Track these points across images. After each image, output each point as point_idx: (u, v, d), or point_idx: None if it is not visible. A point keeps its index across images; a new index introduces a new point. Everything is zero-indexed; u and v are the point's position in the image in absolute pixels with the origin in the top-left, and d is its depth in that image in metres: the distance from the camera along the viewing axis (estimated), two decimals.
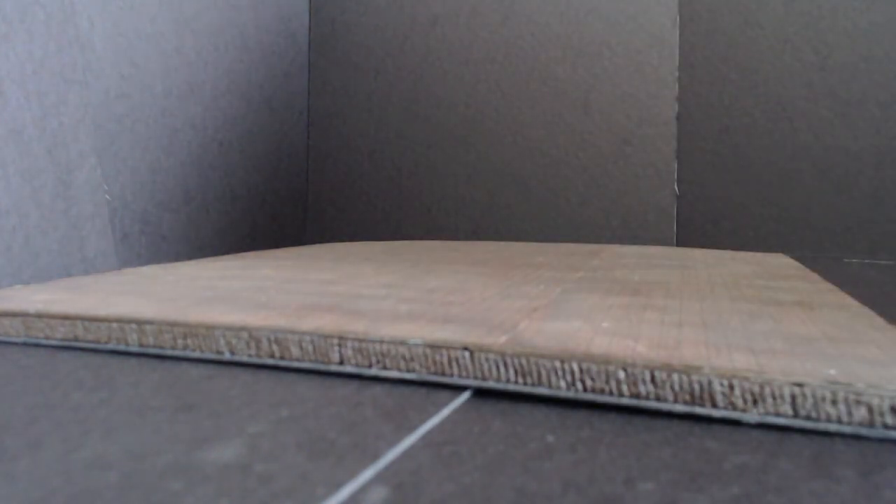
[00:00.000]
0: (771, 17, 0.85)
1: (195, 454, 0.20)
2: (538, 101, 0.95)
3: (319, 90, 1.08)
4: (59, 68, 0.63)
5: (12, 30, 0.59)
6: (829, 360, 0.25)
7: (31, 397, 0.26)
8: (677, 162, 0.89)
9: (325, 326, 0.30)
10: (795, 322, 0.32)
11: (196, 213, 0.84)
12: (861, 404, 0.21)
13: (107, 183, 0.69)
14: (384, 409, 0.24)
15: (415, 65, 1.02)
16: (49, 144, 0.62)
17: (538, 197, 0.95)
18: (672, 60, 0.89)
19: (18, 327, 0.34)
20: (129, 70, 0.73)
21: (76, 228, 0.64)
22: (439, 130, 1.01)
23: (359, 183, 1.06)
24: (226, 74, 0.90)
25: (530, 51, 0.96)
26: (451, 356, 0.27)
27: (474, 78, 0.99)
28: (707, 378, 0.23)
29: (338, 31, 1.07)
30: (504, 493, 0.18)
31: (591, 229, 0.92)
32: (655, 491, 0.18)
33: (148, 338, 0.32)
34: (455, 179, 1.00)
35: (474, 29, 0.99)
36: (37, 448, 0.20)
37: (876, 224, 0.82)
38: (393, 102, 1.04)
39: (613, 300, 0.38)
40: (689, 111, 0.89)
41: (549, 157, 0.95)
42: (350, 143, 1.06)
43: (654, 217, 0.90)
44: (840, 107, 0.83)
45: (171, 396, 0.26)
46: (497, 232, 0.97)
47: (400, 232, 1.03)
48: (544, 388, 0.25)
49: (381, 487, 0.18)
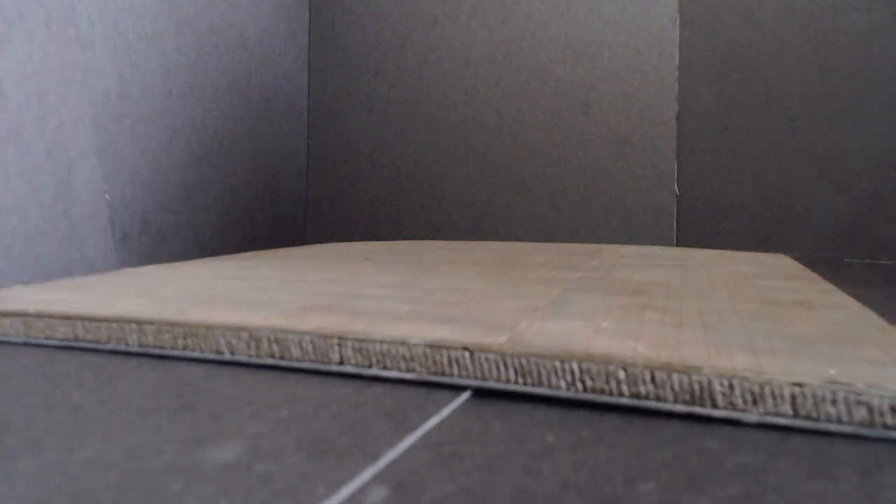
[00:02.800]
0: (771, 17, 0.85)
1: (195, 454, 0.20)
2: (538, 101, 0.95)
3: (319, 90, 1.08)
4: (59, 68, 0.63)
5: (12, 30, 0.59)
6: (829, 360, 0.25)
7: (31, 397, 0.26)
8: (677, 162, 0.89)
9: (325, 326, 0.30)
10: (795, 322, 0.32)
11: (196, 213, 0.84)
12: (861, 404, 0.21)
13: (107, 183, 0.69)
14: (384, 409, 0.24)
15: (415, 65, 1.02)
16: (49, 144, 0.62)
17: (538, 197, 0.95)
18: (672, 60, 0.89)
19: (18, 327, 0.34)
20: (129, 70, 0.73)
21: (76, 228, 0.64)
22: (439, 130, 1.01)
23: (359, 183, 1.06)
24: (226, 74, 0.90)
25: (530, 51, 0.96)
26: (451, 356, 0.27)
27: (474, 78, 0.99)
28: (707, 378, 0.23)
29: (338, 31, 1.07)
30: (504, 493, 0.18)
31: (591, 229, 0.92)
32: (655, 491, 0.18)
33: (148, 338, 0.32)
34: (455, 179, 1.00)
35: (474, 29, 0.99)
36: (37, 448, 0.20)
37: (876, 224, 0.82)
38: (393, 102, 1.04)
39: (613, 300, 0.38)
40: (689, 111, 0.89)
41: (549, 157, 0.95)
42: (350, 143, 1.06)
43: (654, 217, 0.90)
44: (840, 107, 0.83)
45: (171, 396, 0.26)
46: (497, 232, 0.97)
47: (400, 232, 1.03)
48: (544, 388, 0.25)
49: (381, 487, 0.18)
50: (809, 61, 0.84)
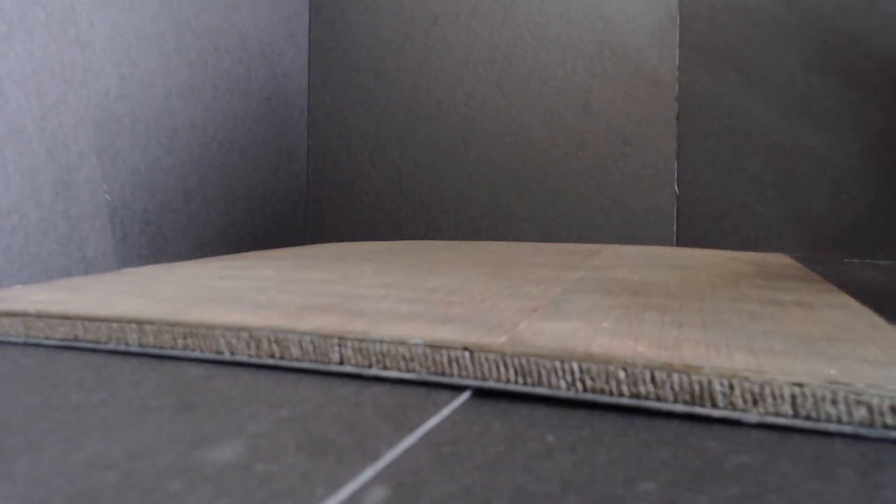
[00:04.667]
0: (771, 17, 0.85)
1: (195, 454, 0.20)
2: (538, 101, 0.95)
3: (319, 90, 1.08)
4: (59, 68, 0.63)
5: (12, 30, 0.59)
6: (829, 360, 0.25)
7: (31, 397, 0.26)
8: (677, 162, 0.89)
9: (325, 326, 0.30)
10: (795, 322, 0.32)
11: (196, 213, 0.84)
12: (861, 404, 0.21)
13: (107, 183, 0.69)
14: (384, 409, 0.24)
15: (415, 65, 1.02)
16: (49, 144, 0.62)
17: (538, 197, 0.95)
18: (672, 60, 0.89)
19: (18, 327, 0.34)
20: (129, 70, 0.73)
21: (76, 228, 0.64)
22: (439, 130, 1.01)
23: (359, 183, 1.06)
24: (226, 74, 0.90)
25: (530, 51, 0.96)
26: (451, 356, 0.27)
27: (474, 78, 0.99)
28: (707, 378, 0.23)
29: (338, 31, 1.07)
30: (504, 493, 0.18)
31: (591, 229, 0.92)
32: (655, 491, 0.18)
33: (148, 338, 0.32)
34: (455, 179, 1.00)
35: (474, 29, 0.99)
36: (37, 448, 0.20)
37: (876, 224, 0.82)
38: (393, 102, 1.04)
39: (613, 300, 0.38)
40: (689, 111, 0.89)
41: (549, 157, 0.95)
42: (350, 143, 1.06)
43: (654, 217, 0.90)
44: (840, 107, 0.83)
45: (171, 396, 0.26)
46: (497, 232, 0.97)
47: (400, 232, 1.03)
48: (544, 388, 0.25)
49: (381, 487, 0.18)
50: (809, 61, 0.84)
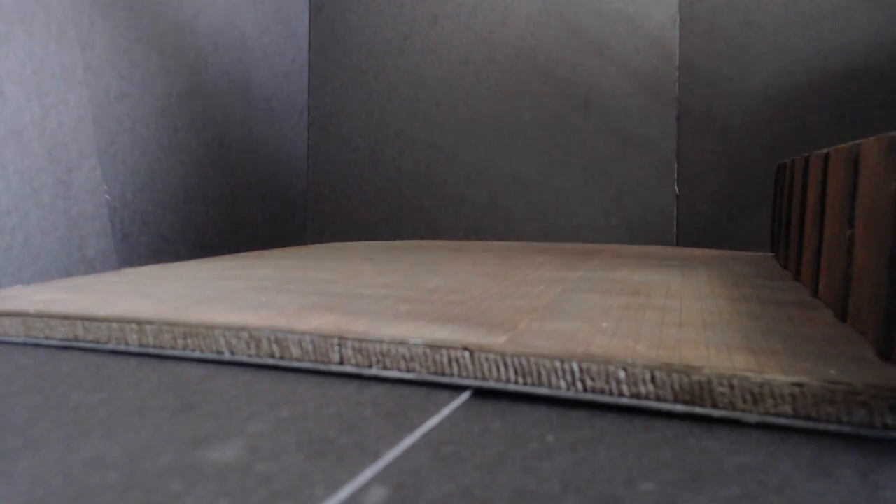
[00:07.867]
0: (771, 17, 0.85)
1: (195, 454, 0.20)
2: (538, 101, 0.95)
3: (319, 90, 1.08)
4: (59, 68, 0.63)
5: (12, 30, 0.59)
6: (829, 360, 0.25)
7: (31, 397, 0.26)
8: (677, 162, 0.89)
9: (325, 326, 0.30)
10: (795, 322, 0.32)
11: (196, 213, 0.84)
12: (861, 404, 0.21)
13: (107, 183, 0.69)
14: (384, 409, 0.24)
15: (415, 65, 1.02)
16: (49, 144, 0.62)
17: (538, 197, 0.95)
18: (672, 60, 0.89)
19: (18, 327, 0.34)
20: (129, 70, 0.73)
21: (76, 228, 0.64)
22: (439, 130, 1.01)
23: (359, 183, 1.06)
24: (226, 74, 0.90)
25: (530, 51, 0.96)
26: (451, 356, 0.27)
27: (474, 78, 0.99)
28: (707, 378, 0.23)
29: (338, 31, 1.07)
30: (504, 493, 0.18)
31: (591, 229, 0.92)
32: (655, 491, 0.18)
33: (148, 338, 0.32)
34: (455, 179, 1.00)
35: (474, 29, 0.99)
36: (37, 448, 0.20)
37: None
38: (393, 102, 1.04)
39: (613, 300, 0.38)
40: (689, 111, 0.89)
41: (549, 157, 0.95)
42: (350, 143, 1.06)
43: (654, 217, 0.90)
44: (840, 107, 0.83)
45: (171, 396, 0.26)
46: (497, 232, 0.97)
47: (400, 232, 1.03)
48: (544, 388, 0.25)
49: (381, 487, 0.18)
50: (809, 61, 0.84)
